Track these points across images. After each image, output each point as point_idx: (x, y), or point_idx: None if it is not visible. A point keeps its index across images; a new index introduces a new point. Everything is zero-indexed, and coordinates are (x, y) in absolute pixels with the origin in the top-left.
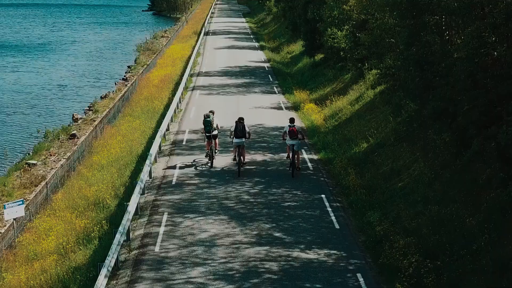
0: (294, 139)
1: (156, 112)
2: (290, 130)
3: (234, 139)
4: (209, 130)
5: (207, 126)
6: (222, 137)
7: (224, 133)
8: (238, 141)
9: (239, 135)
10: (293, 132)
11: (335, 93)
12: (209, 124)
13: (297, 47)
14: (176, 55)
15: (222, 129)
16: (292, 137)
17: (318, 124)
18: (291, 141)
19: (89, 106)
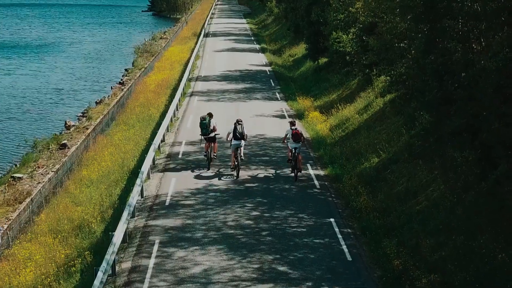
0: (297, 142)
1: (152, 120)
2: (294, 133)
3: (233, 141)
4: (206, 133)
5: (203, 129)
6: (220, 143)
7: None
8: (237, 143)
9: (238, 137)
10: (297, 135)
11: (341, 101)
12: (205, 126)
13: (300, 50)
14: (175, 58)
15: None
16: (296, 140)
17: (324, 134)
18: (294, 144)
19: (83, 112)
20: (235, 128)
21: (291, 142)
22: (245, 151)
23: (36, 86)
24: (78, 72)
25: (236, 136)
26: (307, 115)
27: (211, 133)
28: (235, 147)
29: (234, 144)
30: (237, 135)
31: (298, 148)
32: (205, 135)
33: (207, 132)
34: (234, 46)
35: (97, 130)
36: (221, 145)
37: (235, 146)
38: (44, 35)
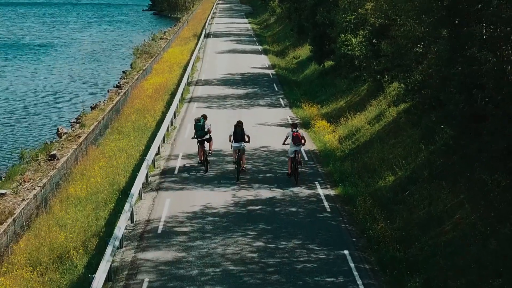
0: (298, 145)
1: (148, 129)
2: (294, 136)
3: (234, 143)
4: (201, 135)
5: (198, 131)
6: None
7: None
8: (237, 145)
9: (238, 139)
10: (298, 138)
11: (350, 108)
12: (200, 128)
13: (304, 52)
14: (174, 59)
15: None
16: (296, 143)
17: (333, 146)
18: (294, 147)
19: (77, 118)
20: (235, 131)
21: (291, 145)
22: (248, 166)
23: (32, 89)
24: (75, 74)
25: (236, 138)
26: (314, 124)
27: (205, 134)
28: (236, 149)
29: (235, 146)
30: (237, 137)
31: (298, 151)
32: (200, 137)
33: (202, 134)
34: (236, 47)
35: (90, 139)
36: (220, 159)
37: (236, 148)
38: (43, 34)
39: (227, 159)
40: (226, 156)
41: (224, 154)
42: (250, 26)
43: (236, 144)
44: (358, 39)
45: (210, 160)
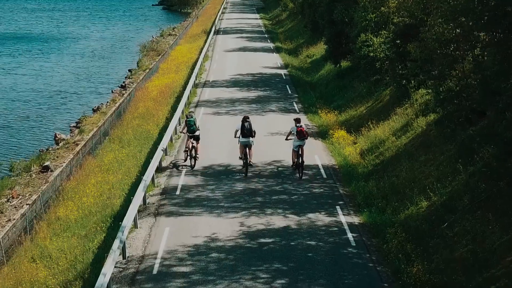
0: (302, 140)
1: (150, 138)
2: (298, 131)
3: (241, 138)
4: (193, 131)
5: (190, 127)
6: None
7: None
8: (245, 140)
9: (246, 134)
10: (302, 133)
11: (371, 116)
12: (192, 124)
13: (318, 50)
14: (182, 58)
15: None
16: (300, 137)
17: (354, 161)
18: (298, 141)
19: (77, 122)
20: (242, 126)
21: (295, 140)
22: (259, 185)
23: (35, 88)
24: (81, 72)
25: (244, 133)
26: (332, 134)
27: (196, 131)
28: (244, 145)
29: (242, 141)
30: (245, 132)
31: (302, 146)
32: (192, 132)
33: (194, 130)
34: (246, 45)
35: (87, 147)
36: (227, 172)
37: (244, 144)
38: (50, 30)
39: (235, 176)
40: (235, 174)
41: (232, 170)
42: (261, 22)
43: (244, 140)
44: (380, 40)
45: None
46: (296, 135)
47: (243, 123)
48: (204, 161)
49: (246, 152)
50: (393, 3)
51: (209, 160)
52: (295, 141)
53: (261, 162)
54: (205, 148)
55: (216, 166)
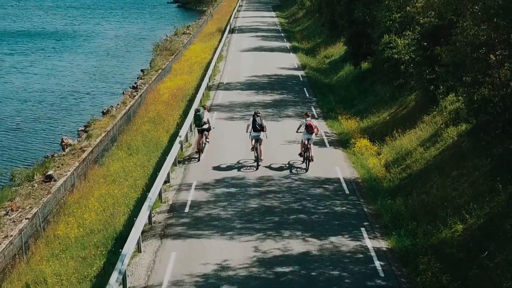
0: (310, 134)
1: (159, 146)
2: (307, 125)
3: (252, 132)
4: (199, 124)
5: (197, 120)
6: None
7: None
8: (256, 134)
9: (258, 128)
10: (311, 127)
11: (396, 123)
12: (198, 118)
13: (336, 50)
14: (195, 58)
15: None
16: (309, 131)
17: (378, 174)
18: (307, 135)
19: (85, 125)
20: (254, 120)
21: (304, 133)
22: (275, 202)
23: (47, 88)
24: (94, 71)
25: (256, 128)
26: (353, 142)
27: (203, 125)
28: (255, 139)
29: (253, 135)
30: (256, 126)
31: (311, 139)
32: (198, 126)
33: (200, 124)
34: (262, 45)
35: (94, 154)
36: (242, 191)
37: (255, 138)
38: (64, 28)
39: (250, 190)
40: (249, 187)
41: (246, 183)
42: (277, 20)
43: (254, 134)
44: (404, 41)
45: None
46: (305, 128)
47: (254, 118)
48: (216, 173)
49: (257, 147)
50: (420, 2)
51: (222, 172)
52: (304, 134)
53: (277, 174)
54: (217, 157)
55: (228, 178)
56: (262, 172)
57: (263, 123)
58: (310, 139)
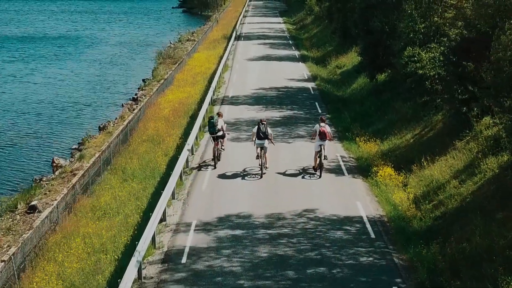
0: (323, 140)
1: (157, 171)
2: (321, 131)
3: (256, 140)
4: (213, 132)
5: (210, 128)
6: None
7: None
8: (260, 142)
9: (262, 136)
10: (324, 134)
11: (422, 148)
12: (212, 125)
13: (349, 60)
14: (199, 68)
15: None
16: (322, 138)
17: (407, 213)
18: (320, 141)
19: (79, 143)
20: (258, 128)
21: (317, 140)
22: (289, 250)
23: (45, 98)
24: (96, 81)
25: (260, 135)
26: (375, 172)
27: (217, 132)
28: (259, 146)
29: (258, 143)
30: (260, 134)
31: (323, 145)
32: (212, 133)
33: (214, 131)
34: (270, 53)
35: (85, 178)
36: (249, 235)
37: (259, 146)
38: (67, 34)
39: (258, 233)
40: (257, 228)
41: (254, 223)
42: (284, 27)
43: (259, 142)
44: (430, 55)
45: (233, 227)
46: (318, 135)
47: (259, 126)
48: (219, 209)
49: (261, 155)
50: (450, 13)
51: (225, 208)
52: (317, 141)
53: (289, 211)
54: (221, 190)
55: (233, 217)
56: (272, 209)
57: (267, 131)
58: (323, 145)
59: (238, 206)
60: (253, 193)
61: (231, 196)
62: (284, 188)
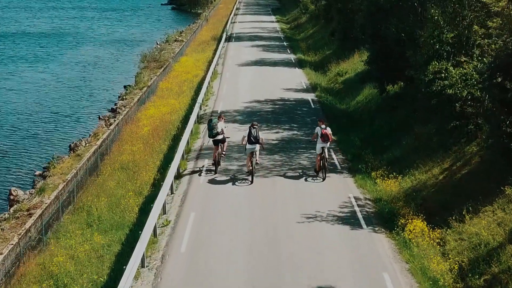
0: (326, 142)
1: (127, 217)
2: (323, 134)
3: (247, 145)
4: (212, 135)
5: (210, 130)
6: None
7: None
8: (251, 147)
9: (253, 141)
10: (326, 136)
11: (457, 191)
12: (211, 128)
13: (350, 66)
14: (186, 75)
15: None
16: (324, 140)
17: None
18: (322, 143)
19: (44, 168)
20: (249, 132)
21: (319, 142)
22: None
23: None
24: (76, 86)
25: (251, 140)
26: (403, 225)
27: (216, 135)
28: (250, 151)
29: (248, 148)
30: (251, 139)
31: (325, 147)
32: (212, 136)
33: (212, 135)
34: (263, 57)
35: (42, 219)
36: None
37: (250, 151)
38: (52, 32)
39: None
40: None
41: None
42: (278, 26)
43: (250, 146)
44: (462, 71)
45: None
46: (320, 137)
47: (250, 130)
48: (203, 281)
49: (252, 161)
50: (494, 22)
51: (211, 283)
52: (319, 143)
53: (294, 280)
54: (207, 253)
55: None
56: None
57: (258, 135)
58: (325, 147)
59: (229, 278)
60: (254, 268)
61: (221, 267)
62: (287, 242)
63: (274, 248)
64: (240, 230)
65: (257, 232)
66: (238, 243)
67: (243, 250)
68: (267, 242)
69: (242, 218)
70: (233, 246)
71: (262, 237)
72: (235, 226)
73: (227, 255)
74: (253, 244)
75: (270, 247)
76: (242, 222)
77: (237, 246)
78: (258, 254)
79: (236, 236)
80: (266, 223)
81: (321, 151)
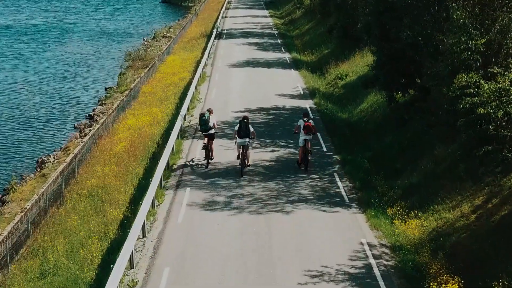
0: (308, 135)
1: (88, 266)
2: (306, 126)
3: (238, 139)
4: (205, 129)
5: (202, 125)
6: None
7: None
8: (242, 141)
9: (242, 135)
10: (309, 127)
11: (496, 238)
12: (204, 123)
13: (351, 68)
14: (171, 78)
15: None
16: (307, 132)
17: None
18: (305, 136)
19: (3, 192)
20: (240, 126)
21: (302, 134)
22: None
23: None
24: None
25: (241, 134)
26: (433, 283)
27: (209, 130)
28: (241, 145)
29: (239, 142)
30: (241, 133)
31: (308, 140)
32: (204, 131)
33: (206, 129)
34: (256, 56)
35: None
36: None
37: (241, 144)
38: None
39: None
40: None
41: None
42: (271, 21)
43: (240, 140)
44: (495, 86)
45: None
46: (303, 129)
47: (241, 123)
48: None
49: (243, 153)
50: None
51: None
52: (302, 135)
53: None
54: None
55: None
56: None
57: (249, 128)
58: (308, 140)
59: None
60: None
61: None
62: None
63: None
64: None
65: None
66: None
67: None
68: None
69: (230, 276)
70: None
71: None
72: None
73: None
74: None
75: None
76: (230, 282)
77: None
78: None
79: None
80: (259, 284)
81: (304, 143)
